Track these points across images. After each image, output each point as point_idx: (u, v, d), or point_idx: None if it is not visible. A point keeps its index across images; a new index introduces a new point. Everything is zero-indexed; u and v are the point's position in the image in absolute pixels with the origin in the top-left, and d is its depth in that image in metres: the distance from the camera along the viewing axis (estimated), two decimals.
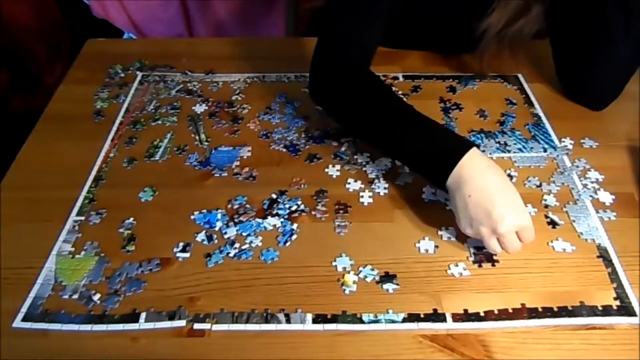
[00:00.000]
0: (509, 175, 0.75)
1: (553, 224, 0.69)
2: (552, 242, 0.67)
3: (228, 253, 0.66)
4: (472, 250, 0.66)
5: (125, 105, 0.89)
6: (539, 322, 0.59)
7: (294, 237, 0.68)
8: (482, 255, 0.65)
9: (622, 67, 0.84)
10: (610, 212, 0.71)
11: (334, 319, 0.59)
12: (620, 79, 0.86)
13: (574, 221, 0.70)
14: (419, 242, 0.67)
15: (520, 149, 0.81)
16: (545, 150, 0.80)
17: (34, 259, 0.65)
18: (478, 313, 0.60)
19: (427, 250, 0.66)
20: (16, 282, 0.62)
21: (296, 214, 0.70)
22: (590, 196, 0.73)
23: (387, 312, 0.59)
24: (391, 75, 0.95)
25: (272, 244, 0.67)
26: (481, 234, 0.61)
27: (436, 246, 0.67)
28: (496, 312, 0.60)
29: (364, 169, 0.77)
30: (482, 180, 0.62)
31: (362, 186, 0.75)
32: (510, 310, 0.60)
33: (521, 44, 0.85)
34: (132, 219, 0.70)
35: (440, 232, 0.68)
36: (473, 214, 0.61)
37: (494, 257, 0.65)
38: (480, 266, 0.64)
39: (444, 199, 0.72)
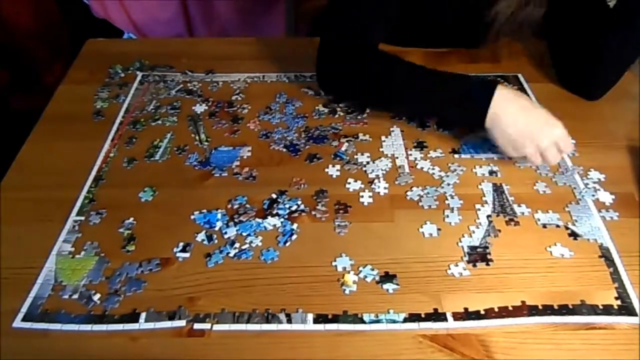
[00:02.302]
0: (491, 171, 0.77)
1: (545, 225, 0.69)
2: (550, 247, 0.66)
3: (228, 253, 0.65)
4: (466, 250, 0.66)
5: (125, 105, 0.89)
6: (540, 320, 0.59)
7: (294, 237, 0.68)
8: (477, 255, 0.65)
9: (621, 55, 0.85)
10: (612, 212, 0.71)
11: (335, 319, 0.59)
12: (619, 68, 0.86)
13: (576, 221, 0.70)
14: (422, 227, 0.68)
15: None
16: None
17: (34, 259, 0.65)
18: (478, 311, 0.59)
19: (431, 235, 0.67)
20: (16, 282, 0.62)
21: (296, 214, 0.70)
22: (593, 195, 0.73)
23: (388, 312, 0.59)
24: None
25: (272, 244, 0.67)
26: (526, 153, 0.72)
27: (439, 229, 0.68)
28: (496, 310, 0.60)
29: (364, 169, 0.77)
30: (514, 108, 0.72)
31: (362, 186, 0.75)
32: (511, 308, 0.60)
33: (530, 30, 0.88)
34: (132, 219, 0.70)
35: (439, 231, 0.68)
36: (514, 138, 0.71)
37: (488, 257, 0.65)
38: (474, 266, 0.64)
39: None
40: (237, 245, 0.66)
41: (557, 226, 0.69)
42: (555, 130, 0.72)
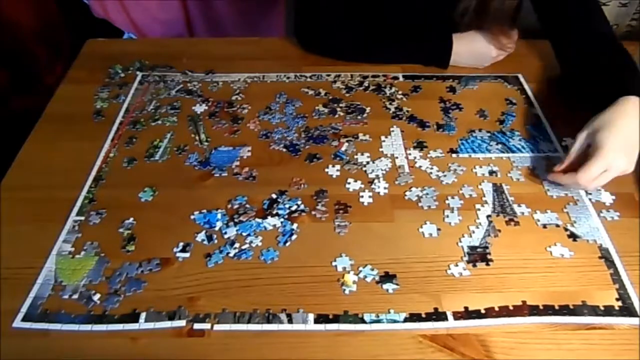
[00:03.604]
0: (491, 171, 0.77)
1: (546, 225, 0.69)
2: (550, 247, 0.66)
3: (228, 253, 0.65)
4: (466, 250, 0.66)
5: (125, 105, 0.89)
6: (540, 320, 0.59)
7: (294, 237, 0.68)
8: (477, 255, 0.65)
9: None
10: (613, 212, 0.71)
11: (336, 319, 0.59)
12: None
13: (575, 222, 0.70)
14: (422, 227, 0.68)
15: (520, 149, 0.81)
16: (544, 151, 0.80)
17: (34, 259, 0.65)
18: (479, 311, 0.60)
19: (431, 235, 0.67)
20: (16, 282, 0.62)
21: (296, 214, 0.70)
22: (590, 195, 0.73)
23: (389, 312, 0.59)
24: (391, 75, 0.95)
25: (272, 244, 0.67)
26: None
27: (439, 229, 0.68)
28: (497, 309, 0.60)
29: (364, 169, 0.77)
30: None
31: (362, 186, 0.75)
32: (511, 308, 0.60)
33: (505, 20, 0.90)
34: (132, 219, 0.70)
35: (439, 231, 0.68)
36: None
37: (488, 257, 0.65)
38: (474, 266, 0.64)
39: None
40: (237, 245, 0.66)
41: (557, 225, 0.69)
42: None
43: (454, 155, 0.80)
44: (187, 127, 0.85)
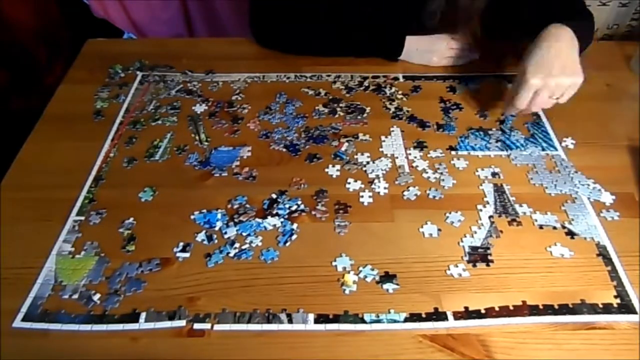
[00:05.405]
0: (494, 173, 0.76)
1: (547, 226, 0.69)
2: (549, 247, 0.66)
3: (228, 253, 0.66)
4: (467, 250, 0.66)
5: (125, 105, 0.89)
6: (540, 320, 0.59)
7: (294, 237, 0.68)
8: (477, 255, 0.65)
9: None
10: (613, 212, 0.71)
11: (336, 319, 0.59)
12: None
13: (572, 220, 0.70)
14: (422, 227, 0.68)
15: (519, 148, 0.81)
16: (544, 150, 0.80)
17: (34, 259, 0.65)
18: (479, 310, 0.60)
19: (431, 235, 0.67)
20: (16, 282, 0.62)
21: (296, 214, 0.70)
22: (589, 194, 0.73)
23: (389, 312, 0.59)
24: (391, 75, 0.95)
25: (272, 244, 0.67)
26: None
27: (439, 229, 0.68)
28: (497, 309, 0.60)
29: (364, 169, 0.77)
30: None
31: (362, 186, 0.75)
32: (511, 308, 0.60)
33: (474, 18, 0.91)
34: (132, 219, 0.70)
35: (439, 231, 0.68)
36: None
37: (489, 258, 0.65)
38: (474, 266, 0.64)
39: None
40: (237, 245, 0.66)
41: (554, 228, 0.69)
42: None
43: (453, 152, 0.80)
44: (187, 127, 0.85)
